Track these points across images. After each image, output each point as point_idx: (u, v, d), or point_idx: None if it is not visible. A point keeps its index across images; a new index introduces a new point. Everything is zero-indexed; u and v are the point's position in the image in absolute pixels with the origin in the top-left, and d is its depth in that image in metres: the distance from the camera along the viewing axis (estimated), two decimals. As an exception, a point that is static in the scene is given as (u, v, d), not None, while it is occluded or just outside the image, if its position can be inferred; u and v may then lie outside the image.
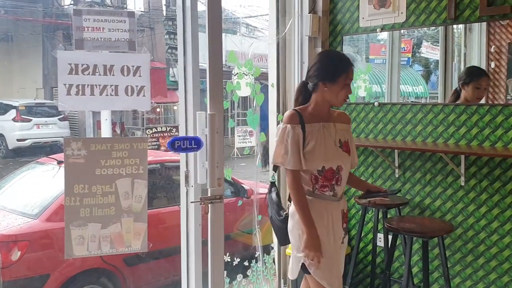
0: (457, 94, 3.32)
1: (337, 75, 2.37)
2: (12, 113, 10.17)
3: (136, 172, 2.05)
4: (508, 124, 3.03)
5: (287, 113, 2.43)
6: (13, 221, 3.69)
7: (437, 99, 3.58)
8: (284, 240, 2.60)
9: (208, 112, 2.32)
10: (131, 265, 3.95)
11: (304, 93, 2.50)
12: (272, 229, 2.77)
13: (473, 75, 3.30)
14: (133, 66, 2.11)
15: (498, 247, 3.12)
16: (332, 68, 2.39)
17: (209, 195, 2.28)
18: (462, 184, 3.22)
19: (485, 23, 3.13)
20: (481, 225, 3.17)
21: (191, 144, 2.22)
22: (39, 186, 4.17)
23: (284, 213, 2.55)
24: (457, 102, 3.30)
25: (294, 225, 2.44)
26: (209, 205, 2.26)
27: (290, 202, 2.46)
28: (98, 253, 2.01)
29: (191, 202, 2.45)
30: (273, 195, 2.66)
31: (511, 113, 3.03)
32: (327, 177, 2.39)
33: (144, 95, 2.12)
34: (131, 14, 2.18)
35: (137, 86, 2.12)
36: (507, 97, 3.11)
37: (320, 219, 2.38)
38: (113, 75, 2.07)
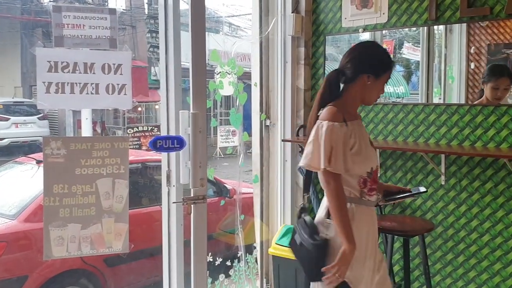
0: (481, 92, 3.19)
1: (384, 71, 2.15)
2: (-10, 112, 10.00)
3: (117, 171, 2.03)
4: (487, 124, 3.08)
5: (329, 110, 2.10)
6: (-10, 222, 3.62)
7: (418, 99, 3.62)
8: (317, 273, 2.09)
9: (191, 111, 2.30)
10: (112, 265, 3.90)
11: (334, 86, 2.18)
12: (301, 263, 2.27)
13: (492, 74, 3.14)
14: (114, 64, 2.09)
15: (477, 245, 3.16)
16: (379, 61, 2.16)
17: (192, 195, 2.26)
18: (443, 183, 3.25)
19: (466, 24, 3.17)
20: (461, 224, 3.21)
21: (174, 143, 2.18)
22: (17, 186, 4.09)
23: (321, 236, 2.12)
24: (436, 102, 3.34)
25: (335, 248, 2.06)
26: (192, 205, 2.24)
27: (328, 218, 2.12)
28: (78, 254, 1.98)
29: (173, 202, 2.42)
30: (307, 218, 2.23)
31: (490, 113, 3.07)
32: (374, 179, 2.18)
33: (125, 94, 2.10)
34: (112, 11, 2.16)
35: (118, 84, 2.09)
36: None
37: (371, 232, 2.18)
38: (93, 73, 2.05)
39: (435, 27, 3.39)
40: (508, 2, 2.94)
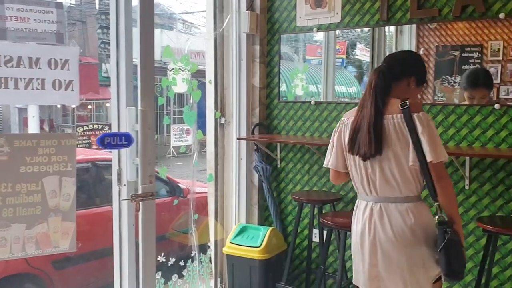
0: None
1: (424, 82, 2.32)
2: None
3: (64, 169, 1.97)
4: (435, 123, 3.18)
5: (418, 101, 2.27)
6: None
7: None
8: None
9: (139, 107, 2.25)
10: (60, 268, 3.76)
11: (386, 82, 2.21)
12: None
13: (467, 83, 3.10)
14: (61, 59, 2.03)
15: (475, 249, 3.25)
16: (425, 72, 2.32)
17: (140, 192, 2.21)
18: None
19: (415, 25, 3.26)
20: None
21: (121, 140, 2.16)
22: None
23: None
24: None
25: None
26: (140, 202, 2.20)
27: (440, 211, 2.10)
28: (22, 255, 1.91)
29: (122, 199, 2.37)
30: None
31: (438, 112, 3.17)
32: None
33: (72, 90, 2.04)
34: (59, 5, 2.09)
35: (65, 80, 2.03)
36: (435, 97, 3.26)
37: None
38: (39, 68, 1.98)
39: (386, 28, 3.46)
40: (455, 4, 3.04)
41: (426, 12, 3.17)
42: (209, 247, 3.85)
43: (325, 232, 3.29)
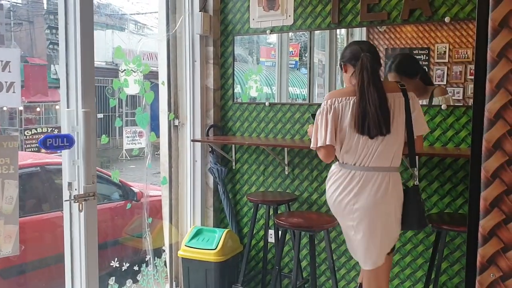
0: None
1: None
2: None
3: (7, 172, 1.91)
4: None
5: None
6: None
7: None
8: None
9: (81, 109, 2.23)
10: (7, 277, 3.60)
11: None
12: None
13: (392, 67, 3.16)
14: (2, 61, 1.98)
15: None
16: None
17: (82, 192, 2.22)
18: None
19: (365, 28, 3.34)
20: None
21: (63, 141, 2.14)
22: None
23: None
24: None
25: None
26: (83, 203, 2.21)
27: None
28: None
29: (65, 200, 2.35)
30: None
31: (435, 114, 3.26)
32: None
33: (14, 92, 2.01)
34: None
35: (6, 82, 1.98)
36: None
37: None
38: None
39: (338, 31, 3.53)
40: (403, 8, 3.14)
41: (375, 15, 3.25)
42: (164, 251, 3.79)
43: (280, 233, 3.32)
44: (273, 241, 3.58)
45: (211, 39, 3.78)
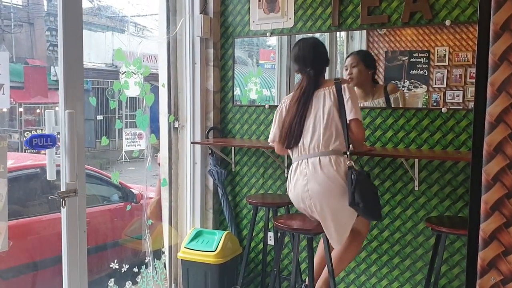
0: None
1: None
2: None
3: None
4: (386, 126, 3.27)
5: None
6: None
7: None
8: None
9: (66, 110, 2.28)
10: (6, 279, 3.59)
11: None
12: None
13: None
14: None
15: (378, 241, 3.34)
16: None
17: (64, 189, 2.28)
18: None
19: (365, 31, 3.35)
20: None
21: (47, 141, 2.21)
22: None
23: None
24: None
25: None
26: (66, 199, 2.25)
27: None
28: None
29: (50, 197, 2.40)
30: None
31: (388, 115, 3.27)
32: None
33: (3, 93, 2.07)
34: None
35: None
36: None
37: None
38: None
39: (337, 33, 3.53)
40: (404, 11, 3.14)
41: (376, 18, 3.26)
42: (163, 252, 3.79)
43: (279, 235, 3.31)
44: (273, 243, 3.58)
45: (211, 41, 3.79)
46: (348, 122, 2.73)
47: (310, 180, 2.74)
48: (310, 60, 2.86)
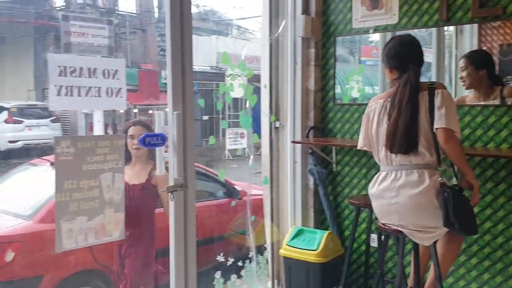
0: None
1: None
2: (4, 114, 10.11)
3: (116, 166, 2.17)
4: (500, 124, 3.07)
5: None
6: (6, 222, 3.65)
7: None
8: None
9: (174, 111, 2.40)
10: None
11: None
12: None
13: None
14: (112, 70, 2.22)
15: (491, 247, 3.13)
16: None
17: (173, 184, 2.40)
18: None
19: (477, 24, 3.15)
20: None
21: (158, 140, 2.35)
22: (32, 187, 4.14)
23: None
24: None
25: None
26: (174, 193, 2.38)
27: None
28: (84, 244, 2.09)
29: (161, 191, 2.70)
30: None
31: (503, 113, 3.06)
32: None
33: (121, 97, 2.24)
34: (109, 22, 2.31)
35: (115, 88, 2.23)
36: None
37: None
38: (96, 77, 2.18)
39: (445, 28, 3.37)
40: (520, 1, 2.92)
41: (489, 11, 3.05)
42: (265, 248, 3.88)
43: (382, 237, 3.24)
44: (376, 245, 3.50)
45: (313, 41, 3.80)
46: (434, 131, 2.46)
47: (400, 194, 2.56)
48: (414, 57, 2.63)
